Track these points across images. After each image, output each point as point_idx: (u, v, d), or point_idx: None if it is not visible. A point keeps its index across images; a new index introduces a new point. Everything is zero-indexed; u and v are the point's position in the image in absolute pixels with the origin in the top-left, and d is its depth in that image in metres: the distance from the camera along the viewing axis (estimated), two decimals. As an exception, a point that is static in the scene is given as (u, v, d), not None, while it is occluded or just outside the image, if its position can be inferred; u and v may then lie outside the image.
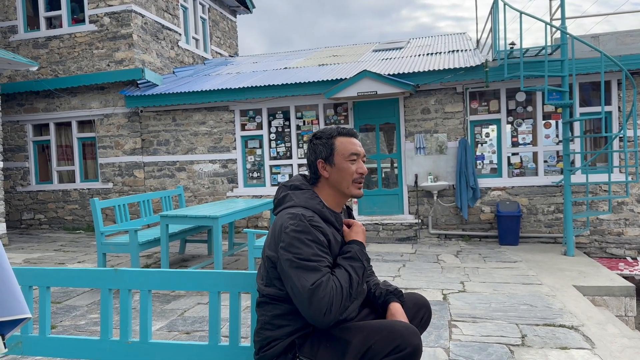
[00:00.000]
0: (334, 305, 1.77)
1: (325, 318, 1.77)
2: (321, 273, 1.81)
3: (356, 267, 1.91)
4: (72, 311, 4.62)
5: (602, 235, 7.64)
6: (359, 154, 2.08)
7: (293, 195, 2.05)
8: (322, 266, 1.83)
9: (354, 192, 2.07)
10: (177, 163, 9.73)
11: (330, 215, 2.01)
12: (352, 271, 1.88)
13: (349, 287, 1.84)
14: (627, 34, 7.40)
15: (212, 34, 13.58)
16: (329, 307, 1.76)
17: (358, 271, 1.90)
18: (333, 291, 1.78)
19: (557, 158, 7.93)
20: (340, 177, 2.05)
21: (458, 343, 3.54)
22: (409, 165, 8.45)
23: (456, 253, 7.05)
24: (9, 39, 10.50)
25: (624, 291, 5.15)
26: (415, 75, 8.08)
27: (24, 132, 10.68)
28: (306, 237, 1.86)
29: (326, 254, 1.89)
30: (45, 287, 2.45)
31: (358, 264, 1.92)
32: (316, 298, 1.76)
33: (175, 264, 6.67)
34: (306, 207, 1.98)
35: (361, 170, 2.07)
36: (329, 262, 1.89)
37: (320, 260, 1.84)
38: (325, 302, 1.76)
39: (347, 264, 1.91)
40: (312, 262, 1.82)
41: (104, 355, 2.36)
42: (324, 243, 1.90)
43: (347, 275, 1.86)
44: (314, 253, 1.84)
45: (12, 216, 10.71)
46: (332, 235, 1.97)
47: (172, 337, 3.82)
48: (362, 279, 1.93)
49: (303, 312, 1.81)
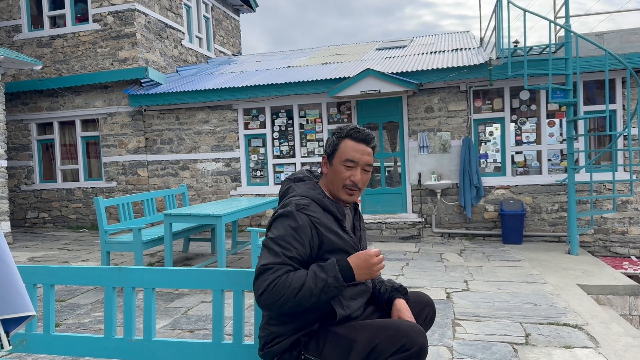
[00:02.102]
0: (273, 293, 1.75)
1: (260, 299, 1.78)
2: (279, 259, 1.81)
3: (318, 278, 1.78)
4: (76, 309, 4.63)
5: (606, 234, 7.61)
6: (357, 161, 2.00)
7: (295, 187, 2.08)
8: (285, 254, 1.82)
9: (343, 196, 2.03)
10: (181, 162, 9.74)
11: (330, 205, 2.00)
12: (312, 279, 1.78)
13: (297, 290, 1.75)
14: (632, 32, 7.36)
15: (215, 32, 13.59)
16: (266, 291, 1.76)
17: (318, 282, 1.77)
18: (279, 281, 1.76)
19: (561, 156, 7.91)
20: (333, 179, 2.04)
21: (462, 342, 3.54)
22: (413, 163, 8.44)
23: (460, 252, 7.04)
24: (13, 38, 10.53)
25: (628, 290, 5.13)
26: (419, 74, 8.06)
27: (28, 131, 10.72)
28: (287, 221, 1.89)
29: (300, 243, 1.86)
30: (49, 285, 2.45)
31: (322, 276, 1.78)
32: (261, 278, 1.79)
33: (178, 262, 6.68)
34: (305, 196, 1.99)
35: (353, 179, 2.00)
36: (298, 253, 1.85)
37: (287, 247, 1.84)
38: (265, 285, 1.77)
39: (313, 270, 1.81)
40: (277, 247, 1.84)
41: (108, 353, 2.36)
42: (304, 231, 1.87)
43: (302, 279, 1.77)
44: (284, 238, 1.85)
45: (16, 215, 10.75)
46: (329, 224, 1.95)
47: (176, 335, 3.83)
48: (321, 293, 1.77)
49: (253, 287, 1.84)
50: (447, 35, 12.36)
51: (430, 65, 8.30)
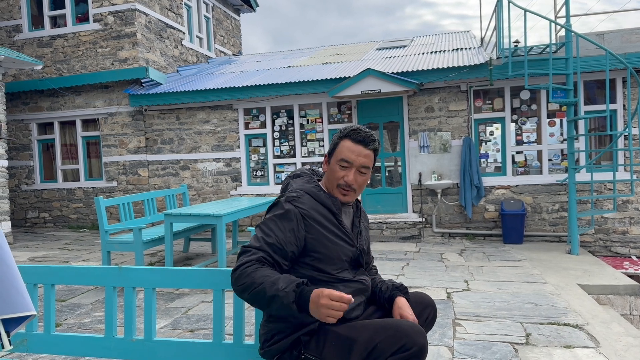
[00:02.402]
0: (239, 277, 1.82)
1: (232, 275, 1.86)
2: (257, 244, 1.89)
3: (276, 286, 1.74)
4: (76, 309, 4.63)
5: (607, 234, 7.61)
6: (352, 162, 2.00)
7: (293, 183, 2.15)
8: (265, 239, 1.89)
9: (337, 195, 2.06)
10: (181, 162, 9.75)
11: (325, 198, 2.04)
12: (270, 283, 1.75)
13: (255, 285, 1.76)
14: (632, 31, 7.36)
15: (215, 32, 13.59)
16: (237, 271, 1.84)
17: (272, 290, 1.73)
18: (248, 267, 1.82)
19: (561, 156, 7.90)
20: (330, 177, 2.08)
21: (462, 342, 3.54)
22: (413, 163, 8.43)
23: (460, 252, 7.04)
24: (13, 38, 10.54)
25: (629, 290, 5.12)
26: (419, 74, 8.06)
27: (28, 131, 10.72)
28: (274, 211, 1.99)
29: (281, 231, 1.91)
30: (50, 285, 2.45)
31: (280, 286, 1.74)
32: (239, 259, 1.87)
33: (179, 262, 6.68)
34: (299, 189, 2.05)
35: (346, 179, 2.01)
36: (277, 240, 1.89)
37: (268, 234, 1.90)
38: (237, 265, 1.85)
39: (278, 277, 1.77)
40: (260, 232, 1.93)
41: (109, 352, 2.36)
42: (287, 220, 1.93)
43: (264, 279, 1.76)
44: (267, 225, 1.94)
45: (17, 215, 10.76)
46: (319, 216, 1.99)
47: (177, 335, 3.83)
48: (271, 301, 1.74)
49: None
50: (448, 35, 12.36)
51: (430, 65, 8.29)
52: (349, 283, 2.01)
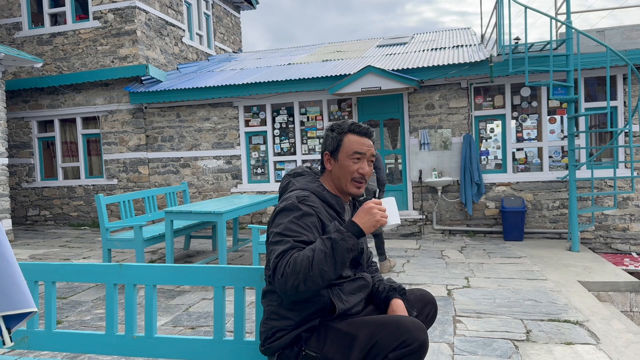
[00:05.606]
0: (291, 273, 1.73)
1: (284, 285, 1.75)
2: (289, 245, 1.80)
3: (324, 241, 1.79)
4: (77, 306, 4.64)
5: (607, 231, 7.61)
6: (364, 153, 2.05)
7: (295, 182, 2.11)
8: (295, 239, 1.82)
9: (352, 190, 2.06)
10: (182, 159, 9.75)
11: (330, 198, 2.03)
12: (320, 243, 1.78)
13: (311, 258, 1.74)
14: (633, 28, 7.34)
15: (215, 30, 13.57)
16: (283, 276, 1.74)
17: (326, 243, 1.78)
18: (290, 260, 1.75)
19: (562, 153, 7.90)
20: (340, 174, 2.06)
21: (462, 338, 3.54)
22: (413, 160, 8.43)
23: (460, 249, 7.04)
24: (13, 36, 10.53)
25: (629, 287, 5.13)
26: (420, 71, 8.05)
27: (28, 129, 10.72)
28: (291, 214, 1.89)
29: (306, 230, 1.86)
30: (50, 282, 2.45)
31: (326, 237, 1.81)
32: (277, 271, 1.77)
33: (179, 259, 6.69)
34: (305, 189, 2.02)
35: (362, 171, 2.04)
36: (308, 238, 1.84)
37: (296, 234, 1.83)
38: (281, 272, 1.75)
39: (318, 238, 1.83)
40: (285, 237, 1.83)
41: (110, 349, 2.36)
42: (309, 218, 1.89)
43: (311, 248, 1.78)
44: (290, 228, 1.85)
45: (17, 212, 10.77)
46: (329, 217, 1.97)
47: (177, 332, 3.83)
48: (334, 252, 1.77)
49: (274, 284, 1.80)
50: (448, 32, 12.33)
51: (431, 62, 8.28)
52: (350, 280, 2.01)
